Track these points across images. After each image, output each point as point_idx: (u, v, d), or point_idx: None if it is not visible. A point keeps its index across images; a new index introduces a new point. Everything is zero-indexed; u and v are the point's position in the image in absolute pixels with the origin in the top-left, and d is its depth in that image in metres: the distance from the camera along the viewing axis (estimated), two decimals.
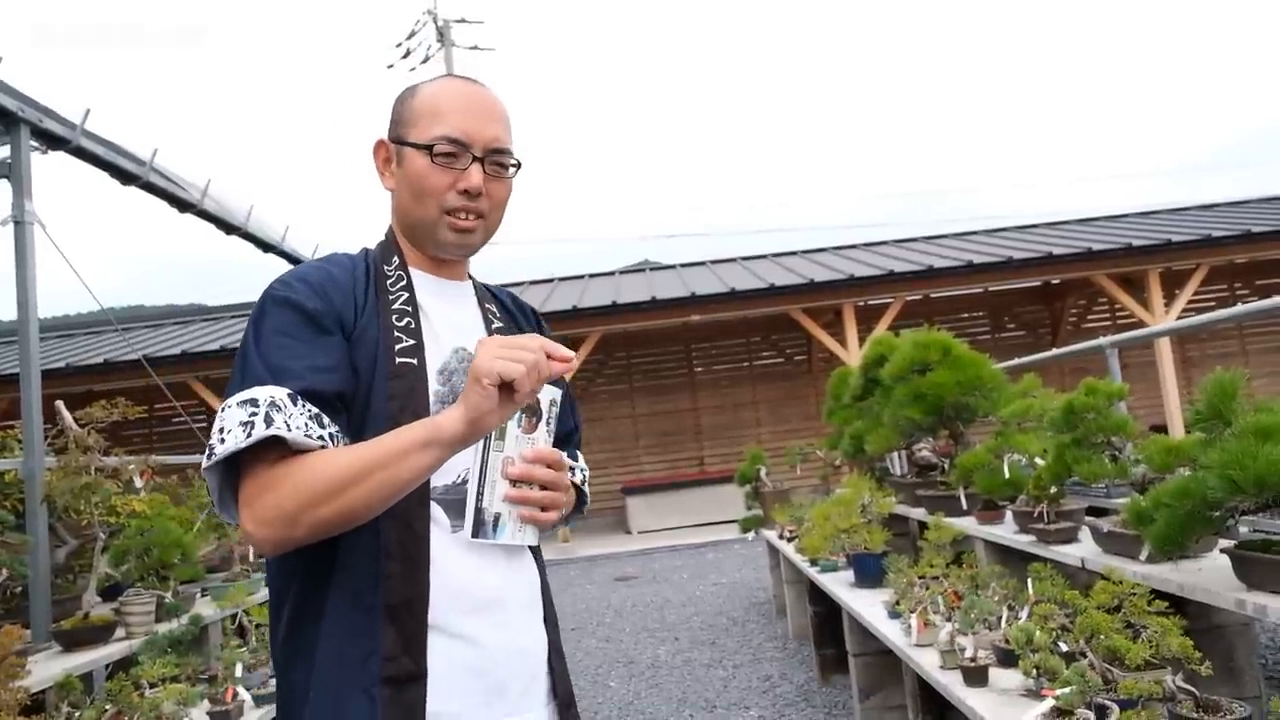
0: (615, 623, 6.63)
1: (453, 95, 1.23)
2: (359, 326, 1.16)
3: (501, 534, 1.14)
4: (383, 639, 1.08)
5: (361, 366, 1.14)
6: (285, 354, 1.09)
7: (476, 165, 1.21)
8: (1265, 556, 1.96)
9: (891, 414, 4.28)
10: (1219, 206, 14.91)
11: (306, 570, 1.12)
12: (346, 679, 1.08)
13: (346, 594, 1.10)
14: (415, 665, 1.09)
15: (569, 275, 15.65)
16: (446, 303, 1.28)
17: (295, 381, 1.07)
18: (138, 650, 3.03)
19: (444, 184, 1.20)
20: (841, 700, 4.20)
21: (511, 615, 1.20)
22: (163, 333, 14.02)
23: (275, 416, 1.04)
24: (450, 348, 1.23)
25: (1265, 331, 13.76)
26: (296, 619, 1.12)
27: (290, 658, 1.12)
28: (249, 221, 5.36)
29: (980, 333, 14.07)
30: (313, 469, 1.04)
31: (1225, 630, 2.74)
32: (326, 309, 1.14)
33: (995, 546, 3.35)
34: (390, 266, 1.25)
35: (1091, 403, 2.71)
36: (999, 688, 2.24)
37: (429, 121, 1.20)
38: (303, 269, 1.20)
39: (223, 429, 1.06)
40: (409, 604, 1.10)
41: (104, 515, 3.37)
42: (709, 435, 13.84)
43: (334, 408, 1.10)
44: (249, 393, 1.06)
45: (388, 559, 1.11)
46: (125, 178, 4.25)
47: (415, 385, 1.16)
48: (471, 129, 1.20)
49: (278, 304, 1.13)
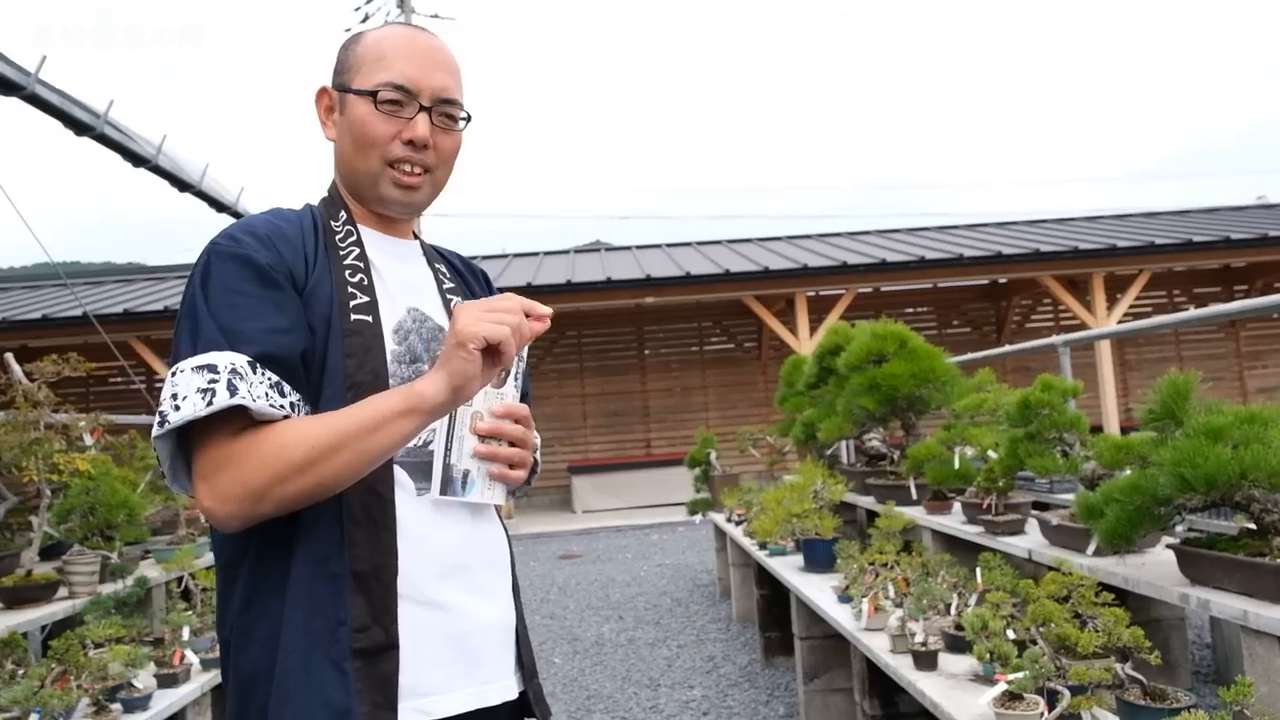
0: (559, 600, 6.66)
1: (399, 41, 1.17)
2: (310, 283, 1.10)
3: (470, 491, 1.12)
4: (351, 609, 1.04)
5: (315, 324, 1.08)
6: (238, 314, 1.03)
7: (423, 115, 1.15)
8: (1210, 553, 2.05)
9: (845, 402, 4.35)
10: (1162, 215, 15.36)
11: (264, 539, 1.06)
12: (315, 652, 1.02)
13: (310, 564, 1.04)
14: (386, 635, 1.05)
15: (523, 252, 15.55)
16: (397, 261, 1.23)
17: (251, 346, 1.02)
18: (81, 610, 2.96)
19: (388, 133, 1.15)
20: (784, 682, 4.28)
21: (480, 579, 1.17)
22: (103, 289, 13.58)
23: (238, 385, 0.98)
24: (405, 306, 1.19)
25: (1201, 339, 14.25)
26: (254, 591, 1.06)
27: (247, 631, 1.06)
28: (203, 180, 5.22)
29: (928, 328, 14.31)
30: (280, 442, 0.99)
31: (1162, 624, 2.87)
32: (277, 262, 1.08)
33: (943, 536, 3.44)
34: (337, 222, 1.19)
35: (1046, 399, 2.79)
36: (948, 672, 2.30)
37: (373, 67, 1.15)
38: (248, 221, 1.14)
39: (176, 395, 0.99)
40: (376, 571, 1.06)
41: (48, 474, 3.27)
42: (657, 418, 13.89)
43: (294, 373, 1.05)
44: (205, 357, 1.00)
45: (352, 525, 1.06)
46: (79, 128, 4.09)
47: (371, 344, 1.11)
48: (418, 76, 1.15)
49: (226, 258, 1.06)
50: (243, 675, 1.06)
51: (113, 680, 2.50)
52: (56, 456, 3.25)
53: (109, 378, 12.80)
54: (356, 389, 1.07)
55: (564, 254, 15.35)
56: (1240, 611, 1.85)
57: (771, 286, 11.66)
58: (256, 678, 1.04)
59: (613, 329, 14.07)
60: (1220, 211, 15.44)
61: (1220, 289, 14.17)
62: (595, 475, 12.24)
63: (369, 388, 1.08)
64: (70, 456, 3.33)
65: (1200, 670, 3.87)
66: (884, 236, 14.97)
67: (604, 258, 14.42)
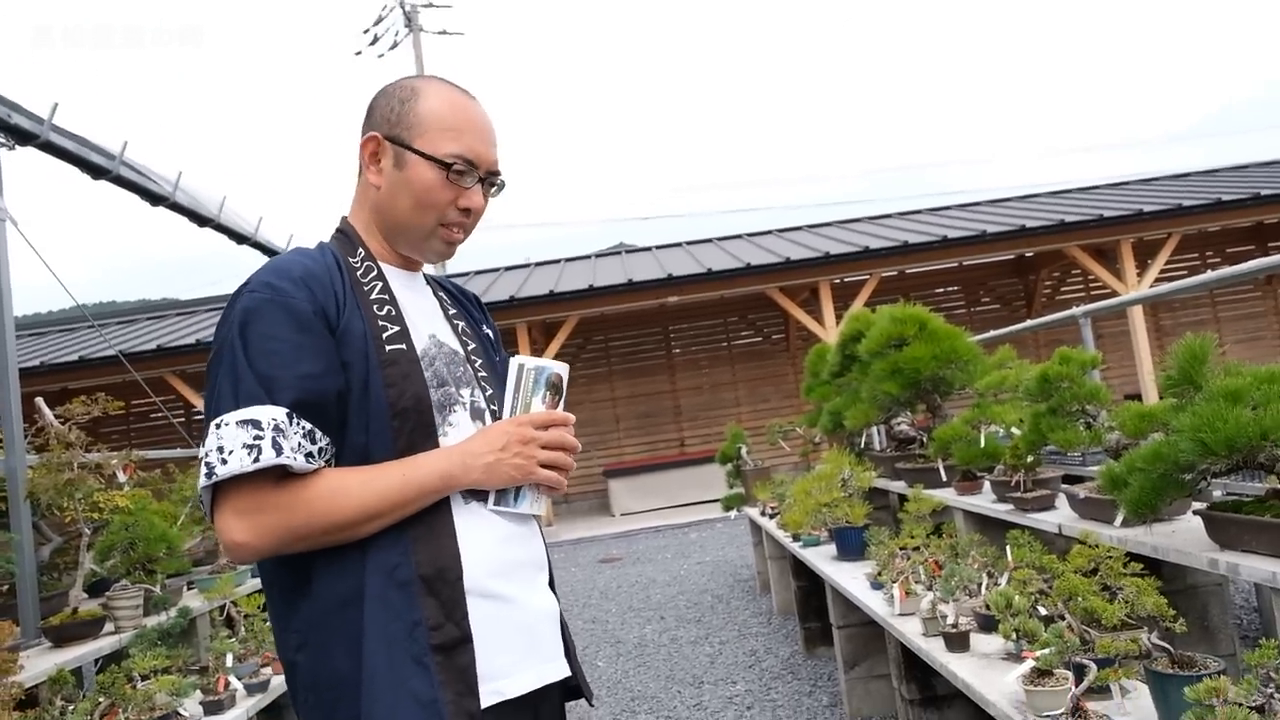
0: (601, 604, 6.68)
1: (462, 112, 1.26)
2: (342, 321, 1.17)
3: (522, 503, 1.23)
4: (424, 610, 1.13)
5: (353, 360, 1.15)
6: (275, 362, 1.10)
7: (479, 186, 1.27)
8: (1236, 516, 2.02)
9: (869, 389, 4.33)
10: (1190, 176, 15.08)
11: (328, 563, 1.14)
12: (397, 652, 1.11)
13: (380, 575, 1.13)
14: (460, 630, 1.14)
15: (544, 260, 15.62)
16: (412, 292, 1.32)
17: (287, 393, 1.09)
18: (127, 644, 3.04)
19: (449, 199, 1.24)
20: (827, 672, 4.27)
21: (528, 573, 1.26)
22: (137, 327, 13.87)
23: (282, 444, 1.08)
24: (426, 334, 1.27)
25: (1237, 298, 13.97)
26: (325, 609, 1.14)
27: (324, 645, 1.13)
28: (222, 213, 5.32)
29: (956, 307, 14.19)
30: (332, 500, 1.11)
31: (1199, 591, 2.82)
32: (312, 305, 1.14)
33: (974, 516, 3.41)
34: (355, 259, 1.26)
35: (1065, 371, 2.76)
36: (980, 652, 2.29)
37: (439, 135, 1.23)
38: (280, 264, 1.20)
39: (223, 448, 1.07)
40: (441, 573, 1.15)
41: (88, 512, 3.36)
42: (688, 416, 13.90)
43: (326, 417, 1.13)
44: (248, 412, 1.08)
45: (414, 535, 1.15)
46: (96, 172, 4.20)
47: (410, 370, 1.19)
48: (481, 151, 1.25)
49: (263, 305, 1.13)
50: (327, 685, 1.14)
51: (160, 710, 2.56)
52: (97, 495, 3.34)
53: (150, 413, 13.06)
54: (402, 416, 1.17)
55: (585, 259, 15.41)
56: (1269, 574, 1.82)
57: (794, 277, 11.61)
58: (344, 684, 1.12)
59: (639, 330, 14.09)
60: (1250, 168, 15.11)
61: (1254, 246, 13.86)
62: (631, 478, 12.26)
63: (414, 413, 1.18)
64: (110, 494, 3.42)
65: (1249, 635, 3.80)
66: (905, 218, 14.85)
67: (625, 260, 14.45)
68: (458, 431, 1.22)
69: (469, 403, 1.26)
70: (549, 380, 1.25)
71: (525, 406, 1.24)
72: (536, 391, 1.24)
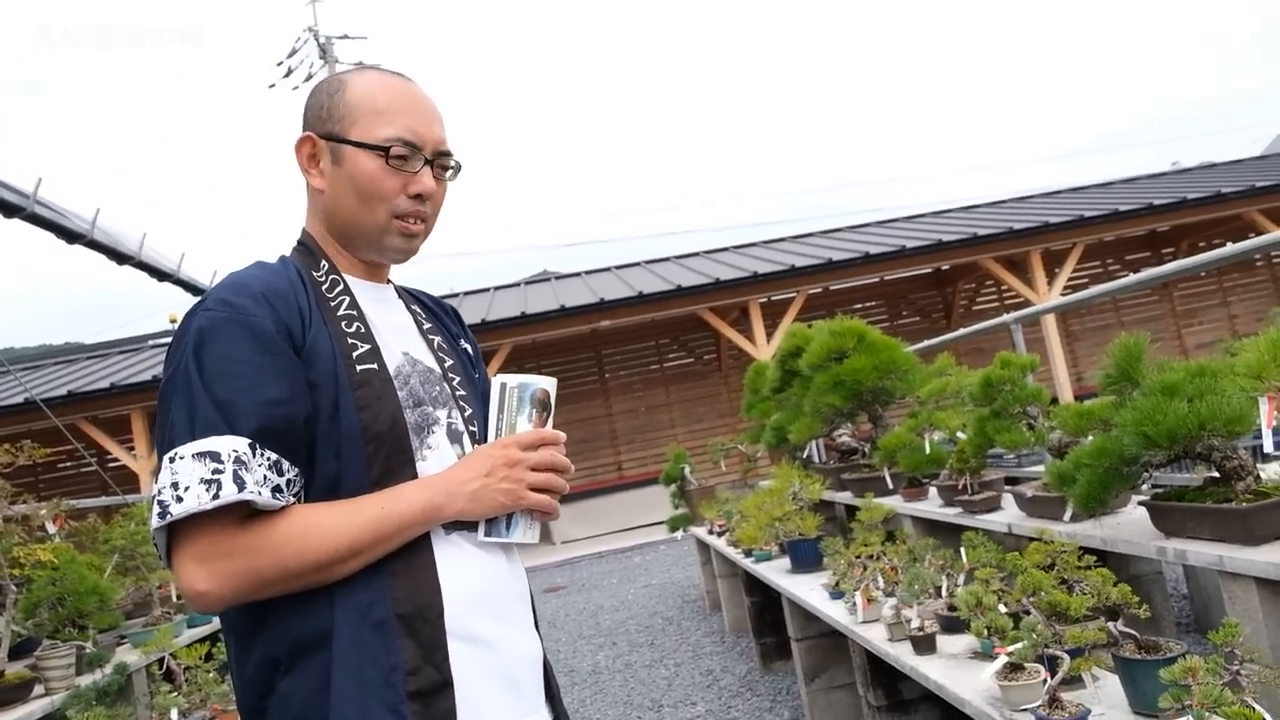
0: (550, 634, 6.59)
1: (395, 93, 1.17)
2: (308, 339, 1.07)
3: (514, 531, 1.15)
4: (402, 653, 1.02)
5: (321, 381, 1.06)
6: (235, 386, 1.00)
7: (428, 168, 1.17)
8: (1180, 505, 2.11)
9: (812, 402, 4.40)
10: (1088, 189, 15.79)
11: (291, 601, 1.03)
12: (370, 700, 1.00)
13: (352, 614, 1.03)
14: (440, 674, 1.04)
15: (473, 289, 15.48)
16: (382, 306, 1.22)
17: (249, 421, 0.99)
18: (61, 706, 2.87)
19: (396, 187, 1.15)
20: (785, 686, 4.29)
21: (514, 612, 1.17)
22: (44, 373, 13.23)
23: (245, 477, 0.97)
24: (399, 351, 1.17)
25: (1137, 303, 14.66)
26: (289, 651, 1.03)
27: (289, 692, 1.02)
28: (142, 251, 5.14)
29: (879, 321, 14.54)
30: (304, 539, 1.00)
31: (1142, 580, 2.94)
32: (275, 323, 1.05)
33: (923, 521, 3.49)
34: (319, 273, 1.17)
35: (1007, 375, 2.85)
36: (947, 653, 2.33)
37: (372, 120, 1.14)
38: (239, 279, 1.10)
39: (177, 484, 0.97)
40: (421, 611, 1.05)
41: (9, 569, 3.17)
42: (625, 440, 13.89)
43: (293, 446, 1.03)
44: (206, 443, 0.97)
45: (391, 568, 1.05)
46: (8, 210, 4.01)
47: (383, 391, 1.10)
48: (421, 131, 1.16)
49: (221, 325, 1.03)
50: None
51: None
52: (15, 550, 3.16)
53: (57, 463, 12.46)
54: (376, 440, 1.07)
55: (515, 286, 15.32)
56: (1216, 557, 1.91)
57: (724, 297, 11.75)
58: None
59: (571, 356, 14.05)
60: (1140, 180, 15.94)
61: (1150, 254, 14.64)
62: (571, 504, 12.15)
63: (389, 436, 1.08)
64: (30, 548, 3.24)
65: (1181, 621, 3.95)
66: (828, 236, 15.19)
67: (555, 286, 14.42)
68: (436, 455, 1.13)
69: (446, 424, 1.17)
70: (534, 397, 1.17)
71: (510, 428, 1.16)
72: (522, 410, 1.17)
